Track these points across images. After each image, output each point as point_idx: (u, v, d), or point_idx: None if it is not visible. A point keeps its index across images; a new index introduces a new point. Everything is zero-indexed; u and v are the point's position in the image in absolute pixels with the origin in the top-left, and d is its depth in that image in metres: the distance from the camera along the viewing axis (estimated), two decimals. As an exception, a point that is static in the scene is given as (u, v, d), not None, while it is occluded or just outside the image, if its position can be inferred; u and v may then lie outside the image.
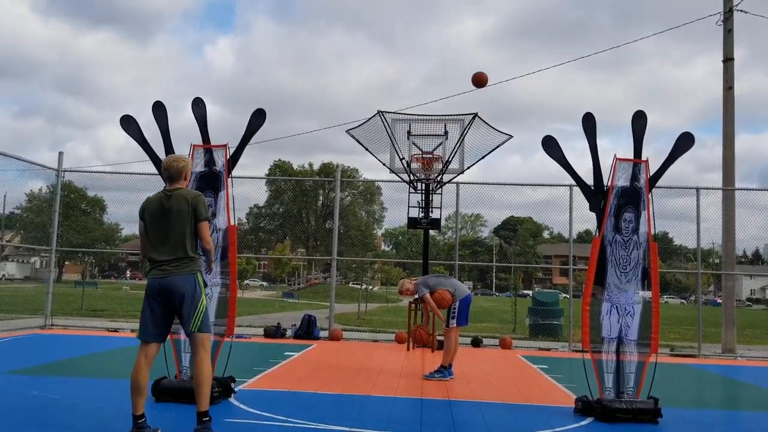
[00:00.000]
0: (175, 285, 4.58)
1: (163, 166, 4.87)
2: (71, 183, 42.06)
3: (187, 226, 4.63)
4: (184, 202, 4.65)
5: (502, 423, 5.60)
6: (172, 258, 4.62)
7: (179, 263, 4.61)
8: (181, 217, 4.63)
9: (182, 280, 4.58)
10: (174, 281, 4.58)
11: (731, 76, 14.19)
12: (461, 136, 12.05)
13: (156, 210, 4.71)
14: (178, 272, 4.59)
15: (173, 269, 4.60)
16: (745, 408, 7.44)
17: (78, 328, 13.32)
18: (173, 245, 4.63)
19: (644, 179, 6.29)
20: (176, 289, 4.58)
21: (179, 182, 4.82)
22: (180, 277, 4.59)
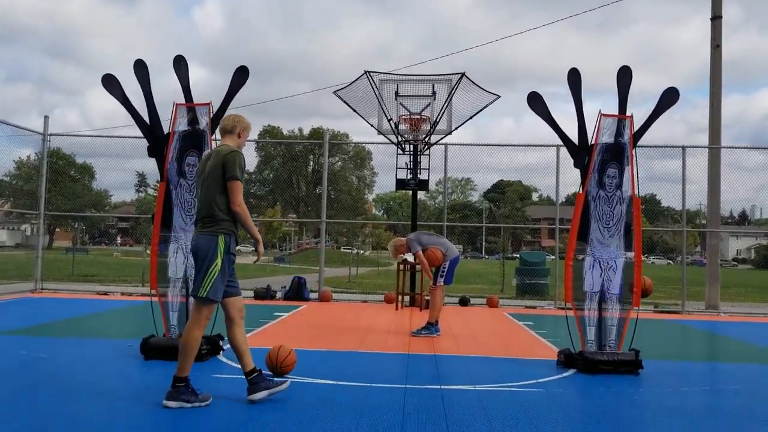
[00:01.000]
0: (196, 245, 4.41)
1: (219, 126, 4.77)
2: (59, 150, 41.77)
3: (216, 183, 4.39)
4: (217, 158, 4.44)
5: (486, 375, 5.72)
6: (199, 217, 4.47)
7: (203, 223, 4.42)
8: (213, 173, 4.41)
9: (203, 241, 4.37)
10: (196, 241, 4.42)
11: (719, 34, 14.13)
12: (449, 96, 12.01)
13: (199, 167, 4.63)
14: (202, 232, 4.40)
15: (199, 229, 4.45)
16: (724, 360, 7.61)
17: (68, 291, 13.35)
18: (201, 203, 4.48)
19: (628, 135, 6.31)
20: (196, 250, 4.40)
21: (226, 138, 4.63)
22: (202, 237, 4.38)
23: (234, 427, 3.87)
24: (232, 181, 4.36)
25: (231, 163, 4.38)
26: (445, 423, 4.10)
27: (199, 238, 4.40)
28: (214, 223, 4.39)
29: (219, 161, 4.41)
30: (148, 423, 3.93)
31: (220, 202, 4.39)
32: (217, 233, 4.38)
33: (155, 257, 6.28)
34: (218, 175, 4.39)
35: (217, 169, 4.40)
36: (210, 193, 4.41)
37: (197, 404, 4.29)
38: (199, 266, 4.39)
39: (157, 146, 6.35)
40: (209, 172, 4.44)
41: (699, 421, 4.35)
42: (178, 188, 6.23)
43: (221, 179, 4.38)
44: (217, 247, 4.36)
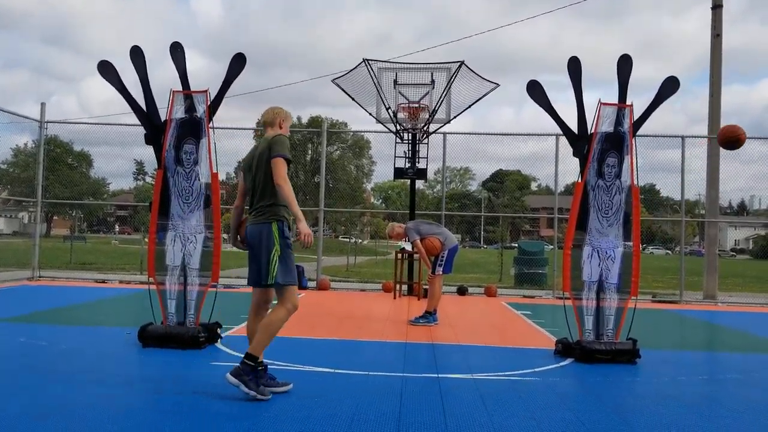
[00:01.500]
0: (251, 235, 4.43)
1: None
2: (57, 137, 41.66)
3: (266, 170, 4.39)
4: (264, 143, 4.47)
5: (484, 363, 5.72)
6: (253, 206, 4.49)
7: (256, 212, 4.44)
8: (261, 160, 4.43)
9: (256, 230, 4.39)
10: (250, 231, 4.44)
11: (719, 24, 14.08)
12: (448, 84, 11.96)
13: (248, 160, 4.62)
14: (255, 221, 4.42)
15: (252, 218, 4.46)
16: (722, 349, 7.63)
17: (66, 279, 13.35)
18: (254, 192, 4.49)
19: (628, 124, 6.28)
20: (252, 238, 4.42)
21: (268, 131, 4.65)
22: (256, 226, 4.40)
23: (232, 414, 3.87)
24: (275, 157, 4.35)
25: (278, 144, 4.41)
26: (443, 411, 4.10)
27: (253, 228, 4.42)
28: (265, 211, 4.40)
29: (266, 145, 4.45)
30: (146, 410, 3.93)
31: (271, 188, 4.38)
32: (270, 220, 4.39)
33: (153, 245, 6.26)
34: (267, 159, 4.39)
35: (265, 152, 4.42)
36: (260, 180, 4.43)
37: (255, 395, 4.20)
38: (257, 255, 4.38)
39: (154, 134, 6.31)
40: (258, 160, 4.46)
41: (696, 410, 4.36)
42: (176, 176, 6.20)
43: (269, 163, 4.39)
44: (271, 234, 4.36)
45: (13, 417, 3.66)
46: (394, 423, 3.82)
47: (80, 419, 3.66)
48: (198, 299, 6.19)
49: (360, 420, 3.85)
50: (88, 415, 3.75)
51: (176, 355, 5.63)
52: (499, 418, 3.98)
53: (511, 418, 3.99)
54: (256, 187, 4.46)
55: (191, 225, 6.21)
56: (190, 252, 6.19)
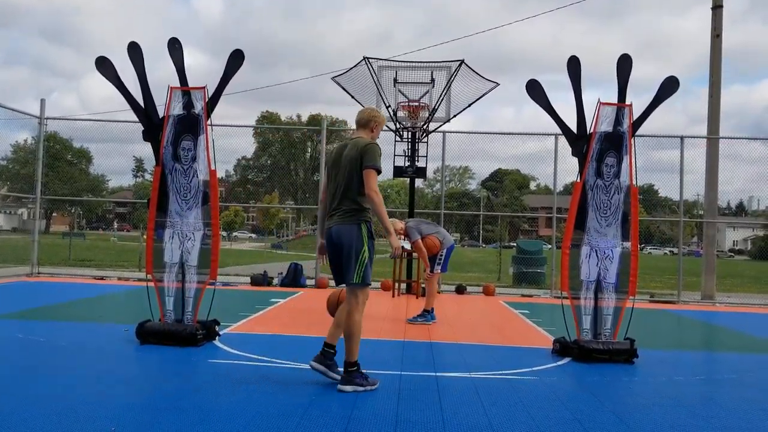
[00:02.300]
0: (338, 235, 4.51)
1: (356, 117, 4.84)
2: (56, 134, 41.62)
3: (355, 173, 4.51)
4: (355, 149, 4.55)
5: (482, 362, 5.72)
6: (336, 207, 4.56)
7: (343, 213, 4.52)
8: (351, 164, 4.53)
9: (345, 230, 4.49)
10: (338, 231, 4.51)
11: (719, 24, 14.08)
12: (447, 83, 11.95)
13: (334, 158, 4.68)
14: (342, 222, 4.51)
15: (338, 219, 4.53)
16: (720, 350, 7.63)
17: (65, 275, 13.34)
18: (338, 194, 4.57)
19: (627, 124, 6.28)
20: (339, 239, 4.51)
21: (360, 131, 4.76)
22: (344, 227, 4.49)
23: (230, 411, 3.87)
24: (368, 169, 4.48)
25: (371, 153, 4.51)
26: (440, 409, 4.10)
27: (341, 228, 4.51)
28: (354, 212, 4.51)
29: (357, 152, 4.53)
30: (143, 407, 3.92)
31: (359, 193, 4.50)
32: (358, 222, 4.50)
33: (151, 242, 6.26)
34: (357, 164, 4.51)
35: (356, 159, 4.51)
36: (348, 183, 4.53)
37: (369, 388, 4.51)
38: (347, 255, 4.49)
39: (152, 130, 6.30)
40: (347, 163, 4.55)
41: (693, 410, 4.36)
42: (174, 173, 6.20)
43: (360, 169, 4.50)
44: (360, 235, 4.49)
45: (9, 413, 3.65)
46: (392, 421, 3.82)
47: (77, 415, 3.66)
48: (196, 296, 6.19)
49: (357, 418, 3.85)
50: (86, 411, 3.75)
51: (174, 353, 5.63)
52: (496, 417, 3.98)
53: (508, 417, 3.99)
54: (339, 188, 4.57)
55: (190, 222, 6.20)
56: (189, 249, 6.19)
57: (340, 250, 4.53)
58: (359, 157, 4.50)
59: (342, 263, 4.54)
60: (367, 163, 4.48)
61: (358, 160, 4.50)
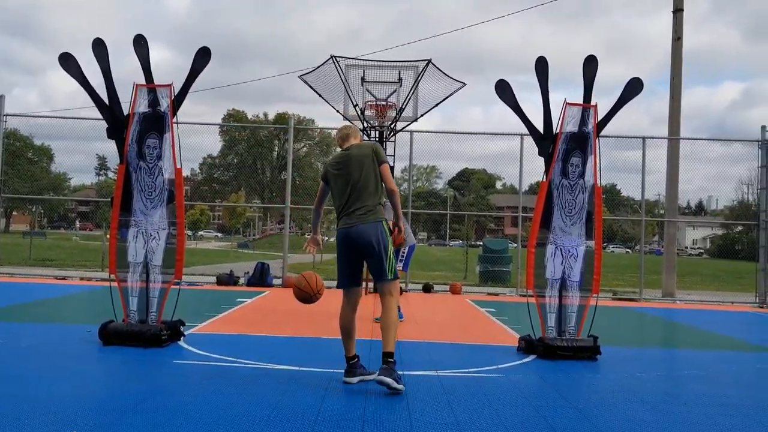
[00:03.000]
0: (366, 234, 4.54)
1: (336, 135, 4.98)
2: (17, 131, 40.61)
3: (370, 173, 4.60)
4: (366, 149, 4.68)
5: (447, 360, 5.76)
6: (356, 208, 4.59)
7: (364, 212, 4.57)
8: (366, 162, 4.61)
9: (372, 229, 4.54)
10: (365, 230, 4.54)
11: (680, 27, 14.41)
12: (415, 83, 11.98)
13: (338, 164, 4.72)
14: (365, 221, 4.55)
15: (358, 218, 4.57)
16: (680, 346, 7.80)
17: (25, 276, 13.04)
18: (351, 193, 4.62)
19: (593, 124, 6.37)
20: (368, 239, 4.54)
21: (352, 140, 4.87)
22: (370, 226, 4.55)
23: (194, 413, 3.83)
24: (385, 163, 4.66)
25: (381, 150, 4.72)
26: (407, 408, 4.12)
27: (367, 228, 4.56)
28: (374, 210, 4.61)
29: (370, 150, 4.67)
30: (106, 408, 3.86)
31: (375, 190, 4.62)
32: (379, 219, 4.61)
33: (114, 241, 6.16)
34: (370, 163, 4.61)
35: (368, 158, 4.62)
36: (366, 181, 4.60)
37: (401, 386, 4.43)
38: (378, 253, 4.56)
39: (116, 127, 6.19)
40: (360, 163, 4.62)
41: (655, 405, 4.45)
42: (138, 171, 6.10)
43: (373, 167, 4.61)
44: (384, 232, 4.60)
45: (-32, 417, 3.56)
46: (359, 421, 3.82)
47: (38, 417, 3.58)
48: (160, 297, 6.11)
49: (324, 418, 3.84)
50: (47, 413, 3.67)
51: (138, 353, 5.55)
52: (463, 414, 4.01)
53: (474, 414, 4.03)
54: (355, 188, 4.61)
55: (154, 221, 6.12)
56: (153, 249, 6.11)
57: (366, 249, 4.58)
58: (372, 155, 4.63)
59: (372, 262, 4.62)
60: (383, 158, 4.66)
61: (372, 158, 4.62)
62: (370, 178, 4.61)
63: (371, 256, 4.59)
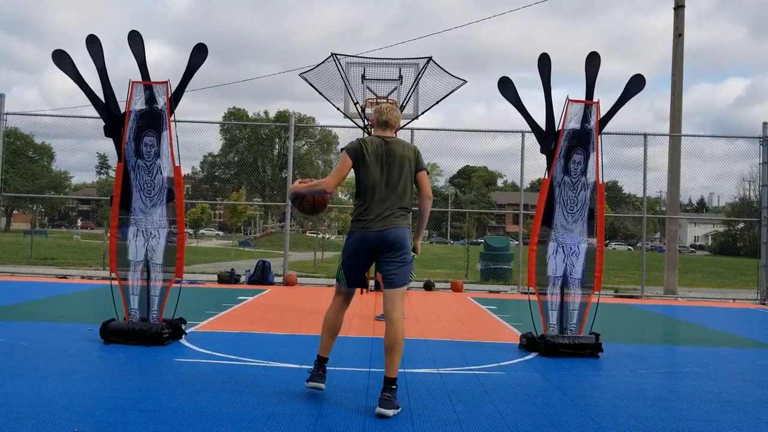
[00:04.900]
0: (400, 237, 4.19)
1: (377, 111, 4.39)
2: (17, 130, 40.62)
3: (408, 176, 4.27)
4: (406, 150, 4.29)
5: (449, 358, 5.75)
6: (392, 207, 4.22)
7: (398, 215, 4.23)
8: (408, 164, 4.26)
9: (404, 234, 4.23)
10: (400, 233, 4.20)
11: (681, 23, 14.37)
12: (416, 80, 11.96)
13: (379, 152, 4.25)
14: (400, 225, 4.22)
15: (394, 221, 4.20)
16: (682, 343, 7.79)
17: (26, 274, 13.04)
18: (398, 194, 4.24)
19: (595, 121, 6.35)
20: (400, 241, 4.19)
21: (389, 131, 4.39)
22: (403, 230, 4.23)
23: (195, 412, 3.82)
24: (425, 171, 4.40)
25: (421, 156, 4.42)
26: (409, 406, 4.11)
27: (402, 232, 4.21)
28: (406, 215, 4.33)
29: (411, 153, 4.31)
30: (108, 407, 3.85)
31: (410, 194, 4.32)
32: (409, 225, 4.39)
33: (114, 240, 6.15)
34: (410, 167, 4.28)
35: (408, 158, 4.28)
36: (405, 184, 4.26)
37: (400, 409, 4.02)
38: (402, 258, 4.20)
39: (113, 126, 6.17)
40: (402, 163, 4.25)
41: (657, 402, 4.44)
42: (137, 169, 6.09)
43: (412, 172, 4.30)
44: (409, 239, 4.32)
45: (-32, 416, 3.56)
46: (361, 418, 3.81)
47: (39, 416, 3.58)
48: (161, 295, 6.10)
49: (326, 415, 3.83)
50: (48, 412, 3.67)
51: (139, 352, 5.54)
52: (464, 412, 4.00)
53: (476, 412, 4.02)
54: (393, 187, 4.22)
55: (154, 220, 6.11)
56: (153, 247, 6.10)
57: (393, 252, 4.19)
58: (415, 159, 4.32)
59: (395, 268, 4.18)
60: (423, 166, 4.37)
61: (413, 163, 4.30)
62: (408, 182, 4.27)
63: (395, 260, 4.18)
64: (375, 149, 4.26)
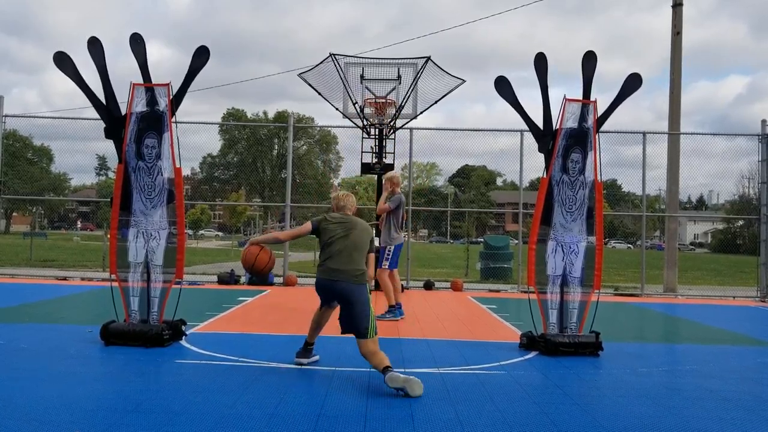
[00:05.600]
0: (351, 290, 4.90)
1: (335, 203, 5.32)
2: (16, 132, 40.59)
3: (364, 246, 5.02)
4: (362, 227, 5.11)
5: (449, 357, 5.76)
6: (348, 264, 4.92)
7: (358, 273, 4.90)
8: (363, 238, 5.02)
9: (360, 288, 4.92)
10: (349, 288, 4.90)
11: (680, 22, 14.38)
12: (414, 80, 11.97)
13: (339, 226, 5.04)
14: (356, 281, 4.88)
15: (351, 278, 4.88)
16: (682, 341, 7.80)
17: (26, 276, 13.05)
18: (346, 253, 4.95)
19: (592, 120, 6.36)
20: (350, 295, 4.90)
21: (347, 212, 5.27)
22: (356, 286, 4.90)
23: (197, 413, 3.83)
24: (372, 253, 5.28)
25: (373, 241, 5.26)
26: (409, 405, 4.12)
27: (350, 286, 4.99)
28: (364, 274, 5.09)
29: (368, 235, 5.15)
30: (109, 408, 3.86)
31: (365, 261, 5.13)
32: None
33: (114, 241, 6.15)
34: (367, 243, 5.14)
35: (366, 235, 5.11)
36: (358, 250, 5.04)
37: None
38: (354, 309, 4.97)
39: (114, 127, 6.17)
40: (359, 235, 5.06)
41: (657, 400, 4.45)
42: (137, 171, 6.09)
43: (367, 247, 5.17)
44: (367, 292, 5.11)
45: (-30, 418, 3.56)
46: (361, 418, 3.82)
47: (40, 419, 3.58)
48: (162, 296, 6.10)
49: (326, 415, 3.84)
50: (49, 414, 3.67)
51: (140, 353, 5.54)
52: (464, 411, 4.01)
53: (476, 411, 4.02)
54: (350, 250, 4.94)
55: (154, 221, 6.11)
56: (153, 248, 6.10)
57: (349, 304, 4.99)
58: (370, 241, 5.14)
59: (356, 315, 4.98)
60: (372, 249, 5.19)
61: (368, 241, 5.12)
62: (364, 250, 5.01)
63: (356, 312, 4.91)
64: (336, 223, 5.08)
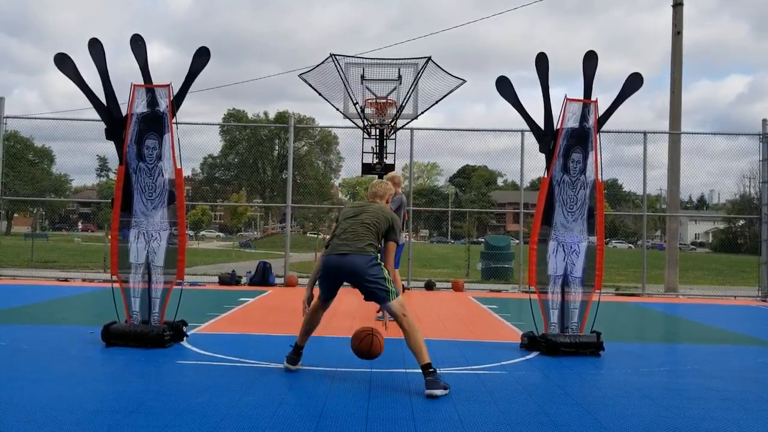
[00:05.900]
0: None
1: (369, 189, 5.34)
2: (17, 133, 40.62)
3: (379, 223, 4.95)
4: (381, 211, 5.03)
5: (451, 357, 5.76)
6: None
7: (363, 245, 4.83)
8: (373, 217, 4.95)
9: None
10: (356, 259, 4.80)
11: (680, 21, 14.38)
12: (415, 80, 11.97)
13: (352, 209, 5.11)
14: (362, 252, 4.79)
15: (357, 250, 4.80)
16: (683, 341, 7.80)
17: (27, 277, 13.05)
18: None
19: (593, 120, 6.35)
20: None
21: (378, 200, 5.25)
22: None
23: (199, 413, 3.83)
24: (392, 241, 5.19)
25: (396, 227, 5.15)
26: (411, 406, 4.12)
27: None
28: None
29: (386, 216, 5.08)
30: (111, 409, 3.86)
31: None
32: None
33: (115, 242, 6.15)
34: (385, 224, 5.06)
35: (386, 219, 5.05)
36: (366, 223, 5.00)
37: (447, 390, 4.47)
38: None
39: (114, 128, 6.17)
40: (373, 215, 5.01)
41: (659, 401, 4.45)
42: (138, 172, 6.09)
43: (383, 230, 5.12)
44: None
45: (-29, 419, 3.56)
46: (363, 418, 3.82)
47: (41, 420, 3.58)
48: (163, 297, 6.10)
49: (328, 416, 3.84)
50: (50, 415, 3.67)
51: (141, 354, 5.55)
52: (466, 411, 4.01)
53: (477, 411, 4.02)
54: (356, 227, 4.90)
55: (155, 222, 6.11)
56: (154, 249, 6.10)
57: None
58: (389, 225, 5.07)
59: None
60: (392, 237, 5.09)
61: (387, 223, 5.06)
62: (376, 226, 4.93)
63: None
64: (349, 207, 5.17)
